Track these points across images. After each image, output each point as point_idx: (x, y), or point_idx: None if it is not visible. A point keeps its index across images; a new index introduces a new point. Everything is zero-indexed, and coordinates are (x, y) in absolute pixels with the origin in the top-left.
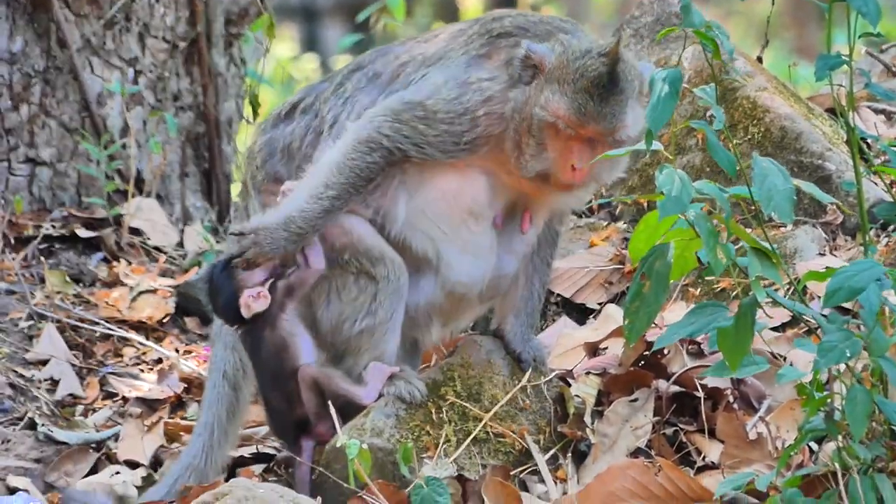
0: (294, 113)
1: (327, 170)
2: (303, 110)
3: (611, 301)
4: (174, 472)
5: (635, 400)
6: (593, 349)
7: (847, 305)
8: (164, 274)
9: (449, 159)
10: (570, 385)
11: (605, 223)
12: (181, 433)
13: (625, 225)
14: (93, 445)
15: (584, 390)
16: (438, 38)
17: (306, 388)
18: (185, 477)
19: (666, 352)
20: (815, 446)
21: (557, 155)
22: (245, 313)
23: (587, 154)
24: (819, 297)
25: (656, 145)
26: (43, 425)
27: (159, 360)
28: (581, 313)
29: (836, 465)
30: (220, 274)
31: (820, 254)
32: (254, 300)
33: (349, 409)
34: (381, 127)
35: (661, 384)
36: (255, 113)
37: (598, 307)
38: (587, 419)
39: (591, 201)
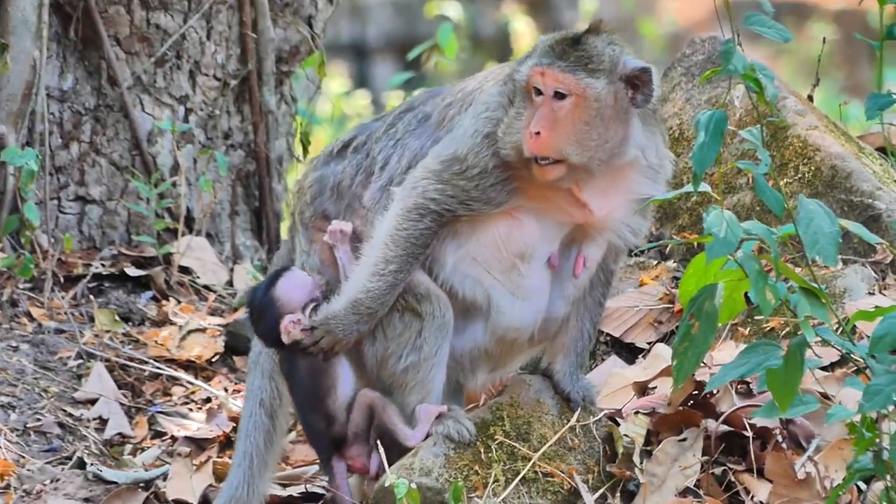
0: (346, 151)
1: (383, 244)
2: (354, 149)
3: (660, 340)
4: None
5: (684, 439)
6: (642, 388)
7: None
8: (213, 313)
9: (496, 209)
10: (619, 424)
11: (655, 262)
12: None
13: (674, 264)
14: (141, 485)
15: (633, 430)
16: (482, 76)
17: (359, 410)
18: None
19: (715, 391)
20: (863, 486)
21: (525, 124)
22: (285, 339)
23: (546, 118)
24: (868, 336)
25: (704, 187)
26: (92, 464)
27: (208, 400)
28: (630, 352)
29: None
30: (263, 298)
31: (869, 293)
32: (293, 326)
33: (392, 447)
34: (426, 191)
35: (711, 424)
36: (306, 151)
37: (647, 346)
38: (636, 459)
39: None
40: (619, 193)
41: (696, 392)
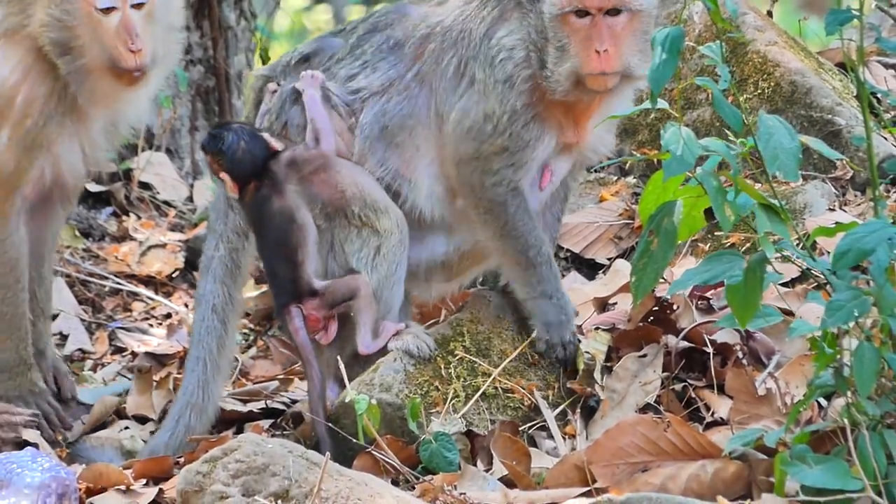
0: (304, 65)
1: (521, 250)
2: (314, 65)
3: (620, 256)
4: (174, 412)
5: (644, 356)
6: (602, 304)
7: None
8: (173, 228)
9: (536, 149)
10: (580, 340)
11: (615, 178)
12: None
13: (634, 180)
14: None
15: (594, 346)
16: (448, 2)
17: (346, 285)
18: (185, 416)
19: (675, 308)
20: (824, 402)
21: (580, 48)
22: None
23: (607, 35)
24: (829, 252)
25: (662, 103)
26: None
27: (168, 315)
28: (591, 268)
29: (845, 421)
30: (246, 135)
31: (830, 209)
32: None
33: (345, 341)
34: (492, 189)
35: (671, 339)
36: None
37: (607, 262)
38: (597, 375)
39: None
40: (610, 110)
41: (656, 308)
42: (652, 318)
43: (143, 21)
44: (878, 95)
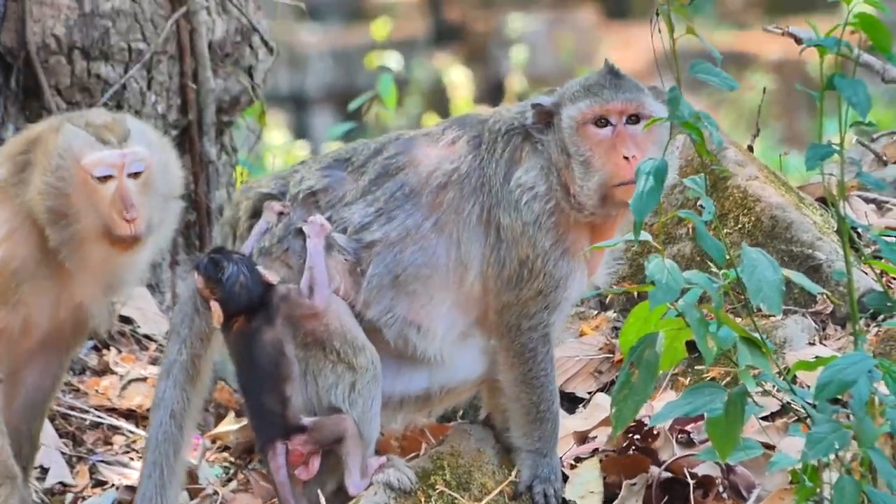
0: (311, 200)
1: (535, 402)
2: (322, 203)
3: (600, 390)
4: None
5: (634, 484)
6: (583, 438)
7: None
8: (153, 362)
9: (567, 279)
10: (567, 478)
11: (596, 312)
12: None
13: (615, 314)
14: None
15: (590, 477)
16: (455, 145)
17: (334, 425)
18: None
19: (656, 435)
20: None
21: (605, 159)
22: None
23: (632, 142)
24: (809, 385)
25: (644, 235)
26: None
27: None
28: (571, 402)
29: None
30: (246, 270)
31: (810, 343)
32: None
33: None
34: (527, 333)
35: (653, 471)
36: None
37: (587, 396)
38: None
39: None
40: (622, 235)
41: (637, 438)
42: (634, 448)
43: (139, 190)
44: (859, 230)
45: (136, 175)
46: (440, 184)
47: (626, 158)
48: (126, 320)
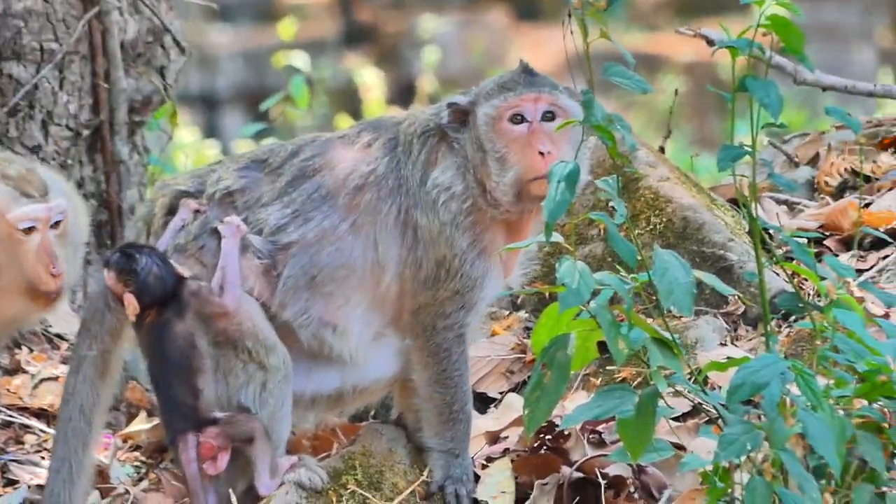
0: (227, 200)
1: (448, 402)
2: (239, 203)
3: (512, 390)
4: None
5: (545, 484)
6: (494, 438)
7: None
8: (65, 361)
9: (489, 282)
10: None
11: (507, 312)
12: None
13: (526, 314)
14: None
15: (502, 476)
16: (371, 147)
17: (245, 423)
18: None
19: (567, 436)
20: None
21: (521, 154)
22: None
23: (547, 139)
24: (720, 386)
25: (556, 237)
26: None
27: None
28: (482, 402)
29: None
30: (158, 262)
31: (721, 344)
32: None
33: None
34: (441, 332)
35: (565, 471)
36: None
37: (499, 396)
38: None
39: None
40: (535, 234)
41: (549, 437)
42: (546, 448)
43: (58, 242)
44: (770, 231)
45: (55, 225)
46: (357, 186)
47: (541, 154)
48: None
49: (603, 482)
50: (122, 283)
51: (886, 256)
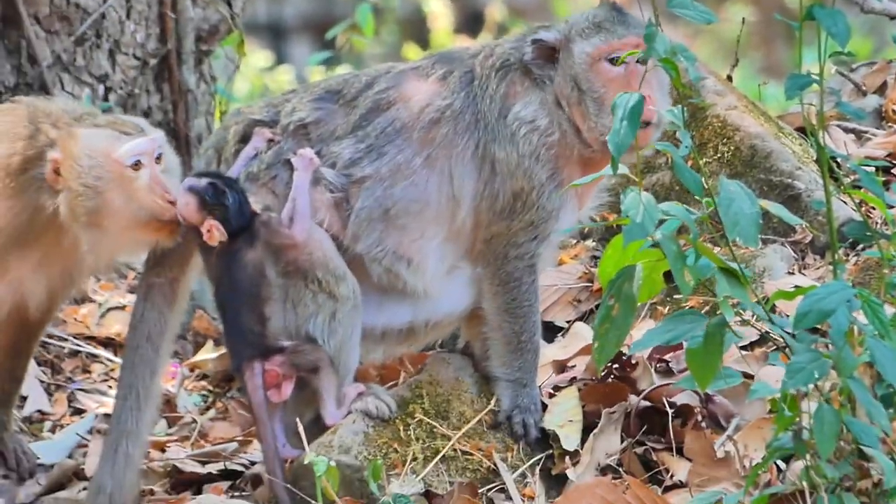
0: (301, 132)
1: (517, 331)
2: (313, 136)
3: (579, 319)
4: (111, 441)
5: (613, 412)
6: (561, 367)
7: None
8: (132, 290)
9: (556, 221)
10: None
11: (574, 241)
12: (149, 449)
13: (593, 243)
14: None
15: (569, 405)
16: (446, 80)
17: (311, 354)
18: (122, 444)
19: (635, 368)
20: (782, 465)
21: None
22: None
23: (647, 82)
24: (788, 315)
25: (623, 169)
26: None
27: None
28: (550, 331)
29: (804, 483)
30: (235, 192)
31: (789, 272)
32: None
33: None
34: (513, 261)
35: (632, 400)
36: None
37: (566, 325)
38: (571, 443)
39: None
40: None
41: (616, 366)
42: (613, 377)
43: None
44: (838, 159)
45: (158, 159)
46: (432, 120)
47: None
48: None
49: (670, 411)
50: (206, 211)
51: None
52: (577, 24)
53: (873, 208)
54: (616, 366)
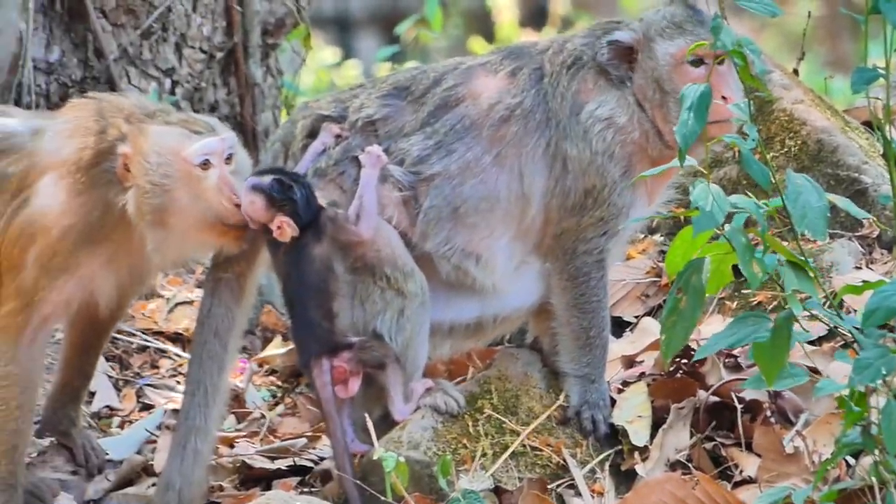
0: (370, 128)
1: (585, 327)
2: (381, 132)
3: (647, 314)
4: (179, 437)
5: (682, 408)
6: (630, 362)
7: None
8: (200, 285)
9: (626, 217)
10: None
11: (642, 236)
12: (218, 445)
13: (661, 237)
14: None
15: (638, 400)
16: (516, 77)
17: (378, 351)
18: (191, 440)
19: (703, 364)
20: (851, 460)
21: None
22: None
23: (723, 81)
24: (856, 310)
25: (690, 160)
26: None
27: None
28: (618, 326)
29: (873, 479)
30: (305, 187)
31: (857, 267)
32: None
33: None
34: (581, 256)
35: (701, 395)
36: None
37: (634, 320)
38: (641, 440)
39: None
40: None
41: (685, 362)
42: (682, 372)
43: (233, 176)
44: None
45: (228, 160)
46: (502, 118)
47: (723, 98)
48: None
49: (739, 406)
50: (275, 208)
51: None
52: (655, 24)
53: None
54: (684, 361)
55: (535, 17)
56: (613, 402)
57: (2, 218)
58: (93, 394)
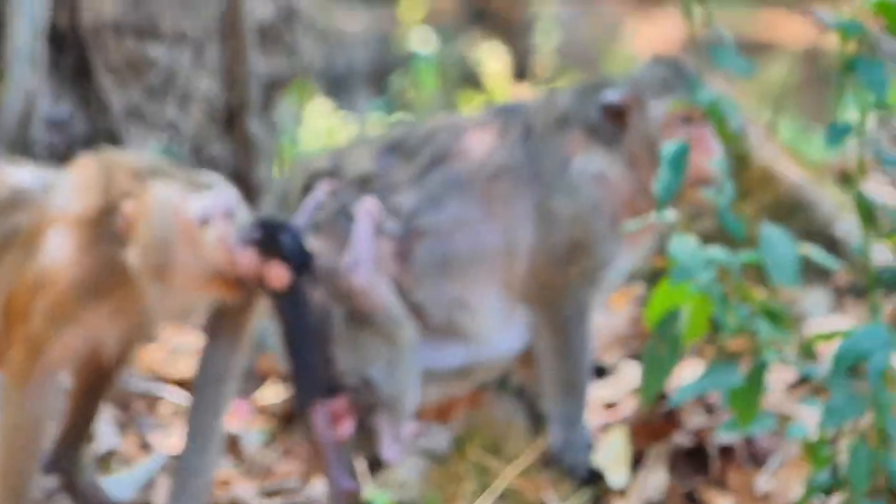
0: (362, 185)
1: (569, 372)
2: (374, 187)
3: (627, 359)
4: (179, 478)
5: (659, 451)
6: (610, 406)
7: None
8: (199, 329)
9: (617, 263)
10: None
11: (623, 284)
12: (215, 485)
13: (640, 285)
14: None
15: (618, 445)
16: (506, 134)
17: (371, 396)
18: (189, 480)
19: (680, 408)
20: (824, 499)
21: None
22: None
23: (708, 139)
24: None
25: (669, 214)
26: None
27: None
28: (598, 371)
29: None
30: (288, 222)
31: (828, 315)
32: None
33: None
34: (566, 307)
35: (677, 438)
36: None
37: (614, 365)
38: (620, 476)
39: None
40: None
41: (661, 406)
42: (660, 415)
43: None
44: (877, 207)
45: (228, 216)
46: (492, 174)
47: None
48: None
49: (714, 448)
50: (265, 256)
51: None
52: (644, 83)
53: None
54: (662, 404)
55: (519, 71)
56: (594, 444)
57: (14, 269)
58: (95, 435)
